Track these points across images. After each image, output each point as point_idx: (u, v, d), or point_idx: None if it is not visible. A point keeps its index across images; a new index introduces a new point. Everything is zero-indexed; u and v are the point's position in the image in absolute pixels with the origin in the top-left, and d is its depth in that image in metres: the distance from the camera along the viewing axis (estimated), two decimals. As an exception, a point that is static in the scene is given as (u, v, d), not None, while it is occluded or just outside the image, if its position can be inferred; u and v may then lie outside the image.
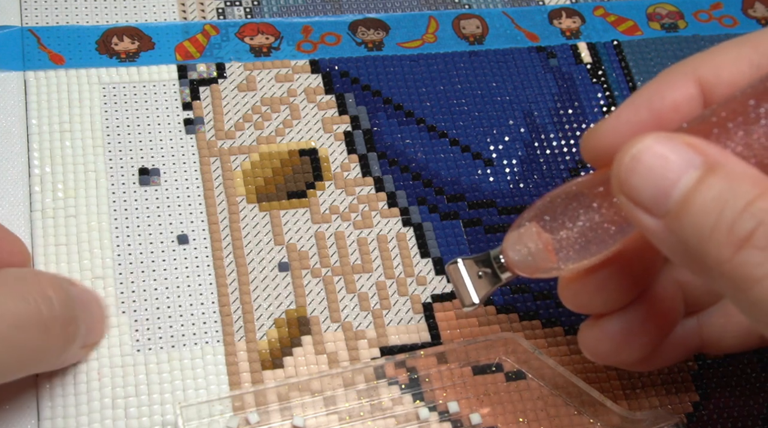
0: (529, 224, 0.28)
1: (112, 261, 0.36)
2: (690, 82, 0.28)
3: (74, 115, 0.39)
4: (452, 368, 0.35)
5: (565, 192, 0.28)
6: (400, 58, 0.44)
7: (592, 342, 0.31)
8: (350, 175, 0.40)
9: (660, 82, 0.28)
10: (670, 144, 0.24)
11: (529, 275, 0.29)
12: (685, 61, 0.28)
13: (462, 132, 0.42)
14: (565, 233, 0.27)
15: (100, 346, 0.34)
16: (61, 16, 0.42)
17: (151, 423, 0.33)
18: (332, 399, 0.34)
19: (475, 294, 0.31)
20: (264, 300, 0.36)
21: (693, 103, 0.27)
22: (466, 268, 0.31)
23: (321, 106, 0.41)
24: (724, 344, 0.33)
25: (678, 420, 0.34)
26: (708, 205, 0.23)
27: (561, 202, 0.28)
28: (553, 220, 0.28)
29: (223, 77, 0.41)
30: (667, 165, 0.24)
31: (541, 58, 0.45)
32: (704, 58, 0.28)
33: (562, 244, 0.28)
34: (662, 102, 0.27)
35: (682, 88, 0.27)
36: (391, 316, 0.36)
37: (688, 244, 0.23)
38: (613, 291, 0.30)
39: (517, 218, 0.29)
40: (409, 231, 0.39)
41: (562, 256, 0.28)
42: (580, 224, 0.27)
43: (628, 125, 0.27)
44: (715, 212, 0.23)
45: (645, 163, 0.24)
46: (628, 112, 0.28)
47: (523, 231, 0.28)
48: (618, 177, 0.25)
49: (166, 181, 0.38)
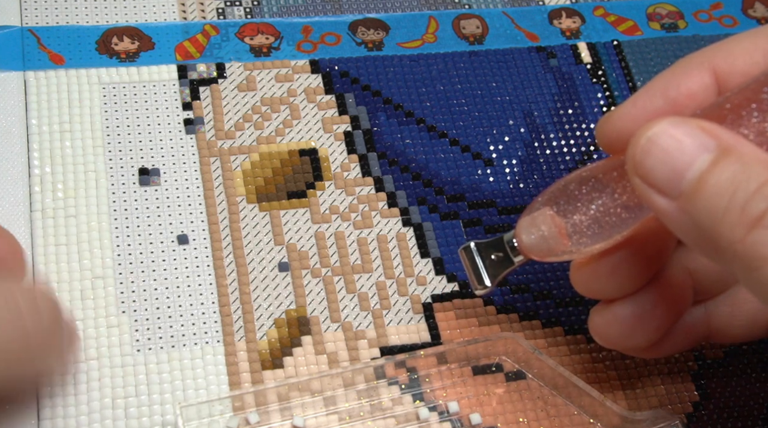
0: (543, 208, 0.29)
1: (112, 261, 0.36)
2: (705, 72, 0.28)
3: (74, 115, 0.39)
4: (452, 368, 0.35)
5: (579, 176, 0.28)
6: (400, 58, 0.44)
7: (602, 327, 0.31)
8: (350, 175, 0.40)
9: (675, 71, 0.29)
10: (685, 127, 0.24)
11: (542, 259, 0.30)
12: (700, 51, 0.29)
13: (462, 132, 0.42)
14: (579, 217, 0.28)
15: (100, 346, 0.34)
16: (61, 16, 0.42)
17: (151, 423, 0.33)
18: (332, 399, 0.34)
19: (488, 278, 0.31)
20: (264, 300, 0.36)
21: (707, 92, 0.28)
22: (478, 252, 0.32)
23: (321, 106, 0.41)
24: (731, 333, 0.33)
25: (678, 420, 0.34)
26: (721, 187, 0.23)
27: (575, 187, 0.28)
28: (566, 204, 0.28)
29: (223, 77, 0.41)
30: (681, 147, 0.24)
31: (541, 58, 0.45)
32: (719, 48, 0.28)
33: (576, 228, 0.28)
34: (677, 90, 0.28)
35: (697, 76, 0.28)
36: (391, 316, 0.36)
37: (702, 225, 0.24)
38: (624, 276, 0.30)
39: (531, 202, 0.30)
40: (409, 231, 0.39)
41: (575, 240, 0.28)
42: (593, 208, 0.28)
43: (643, 112, 0.28)
44: (728, 193, 0.23)
45: (660, 145, 0.24)
46: (643, 99, 0.28)
47: (537, 214, 0.29)
48: (633, 158, 0.25)
49: (166, 181, 0.38)
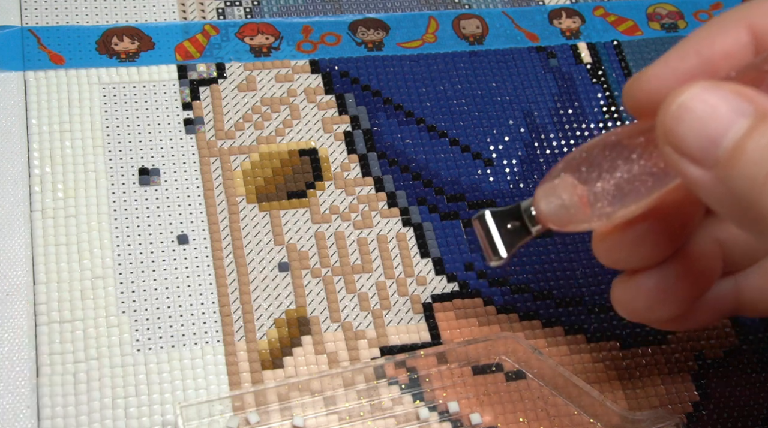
0: (564, 175, 0.27)
1: (112, 261, 0.36)
2: (742, 29, 0.26)
3: (74, 115, 0.39)
4: (452, 368, 0.35)
5: (603, 142, 0.27)
6: (400, 58, 0.44)
7: (626, 298, 0.30)
8: (350, 175, 0.40)
9: (710, 29, 0.27)
10: (719, 92, 0.23)
11: (561, 228, 0.28)
12: (737, 7, 0.27)
13: (462, 132, 0.42)
14: (602, 185, 0.26)
15: (100, 346, 0.34)
16: (61, 16, 0.42)
17: (151, 423, 0.33)
18: (332, 399, 0.34)
19: (503, 248, 0.29)
20: (264, 300, 0.36)
21: (744, 51, 0.26)
22: (494, 220, 0.29)
23: (321, 106, 0.41)
24: (761, 307, 0.32)
25: (678, 420, 0.34)
26: (761, 154, 0.22)
27: (598, 153, 0.27)
28: (588, 171, 0.27)
29: (223, 77, 0.41)
30: (716, 113, 0.23)
31: (541, 58, 0.45)
32: (758, 5, 0.27)
33: (598, 196, 0.26)
34: (712, 49, 0.26)
35: (733, 34, 0.26)
36: (391, 316, 0.36)
37: (740, 195, 0.22)
38: (649, 247, 0.29)
39: (551, 169, 0.28)
40: (409, 231, 0.39)
41: (597, 209, 0.27)
42: (618, 175, 0.26)
43: (674, 72, 0.26)
44: (764, 165, 0.22)
45: (693, 112, 0.23)
46: (675, 59, 0.27)
47: (558, 182, 0.27)
48: (664, 125, 0.24)
49: (166, 181, 0.38)
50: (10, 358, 0.33)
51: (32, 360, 0.33)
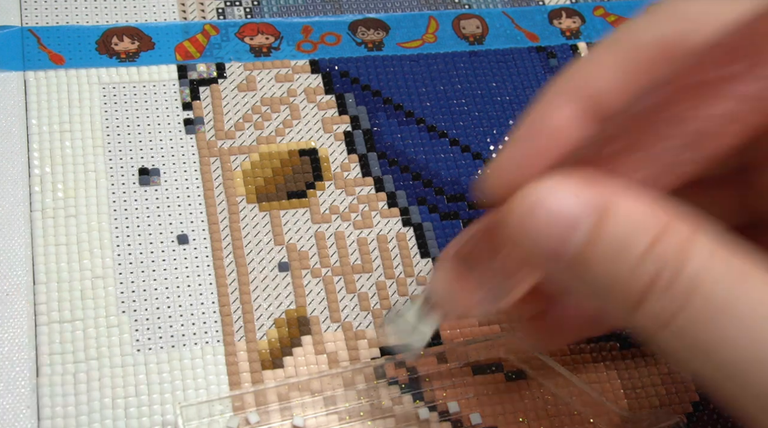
0: (447, 263, 0.27)
1: (112, 261, 0.36)
2: (572, 102, 0.26)
3: (74, 115, 0.39)
4: (452, 368, 0.35)
5: (479, 230, 0.27)
6: (400, 58, 0.44)
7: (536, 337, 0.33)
8: (350, 175, 0.40)
9: (544, 107, 0.26)
10: (559, 188, 0.22)
11: (459, 314, 0.28)
12: (565, 76, 0.26)
13: (462, 132, 0.42)
14: (481, 272, 0.26)
15: (100, 346, 0.34)
16: (61, 16, 0.42)
17: (151, 423, 0.33)
18: (332, 399, 0.34)
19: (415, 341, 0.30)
20: (264, 300, 0.36)
21: (579, 124, 0.26)
22: (400, 316, 0.30)
23: (321, 106, 0.41)
24: None
25: (678, 420, 0.34)
26: (607, 255, 0.22)
27: (476, 241, 0.27)
28: (468, 260, 0.27)
29: (223, 77, 0.41)
30: (561, 212, 0.22)
31: (541, 58, 0.45)
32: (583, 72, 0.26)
33: (481, 283, 0.27)
34: (550, 125, 0.26)
35: (566, 109, 0.26)
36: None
37: (595, 293, 0.22)
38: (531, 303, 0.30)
39: (441, 254, 0.28)
40: (409, 231, 0.39)
41: (482, 296, 0.27)
42: (491, 265, 0.26)
43: (520, 163, 0.26)
44: (615, 261, 0.22)
45: (536, 216, 0.22)
46: (513, 150, 0.26)
47: (441, 271, 0.28)
48: (511, 231, 0.23)
49: (166, 181, 0.38)
50: (10, 358, 0.33)
51: (32, 360, 0.33)
